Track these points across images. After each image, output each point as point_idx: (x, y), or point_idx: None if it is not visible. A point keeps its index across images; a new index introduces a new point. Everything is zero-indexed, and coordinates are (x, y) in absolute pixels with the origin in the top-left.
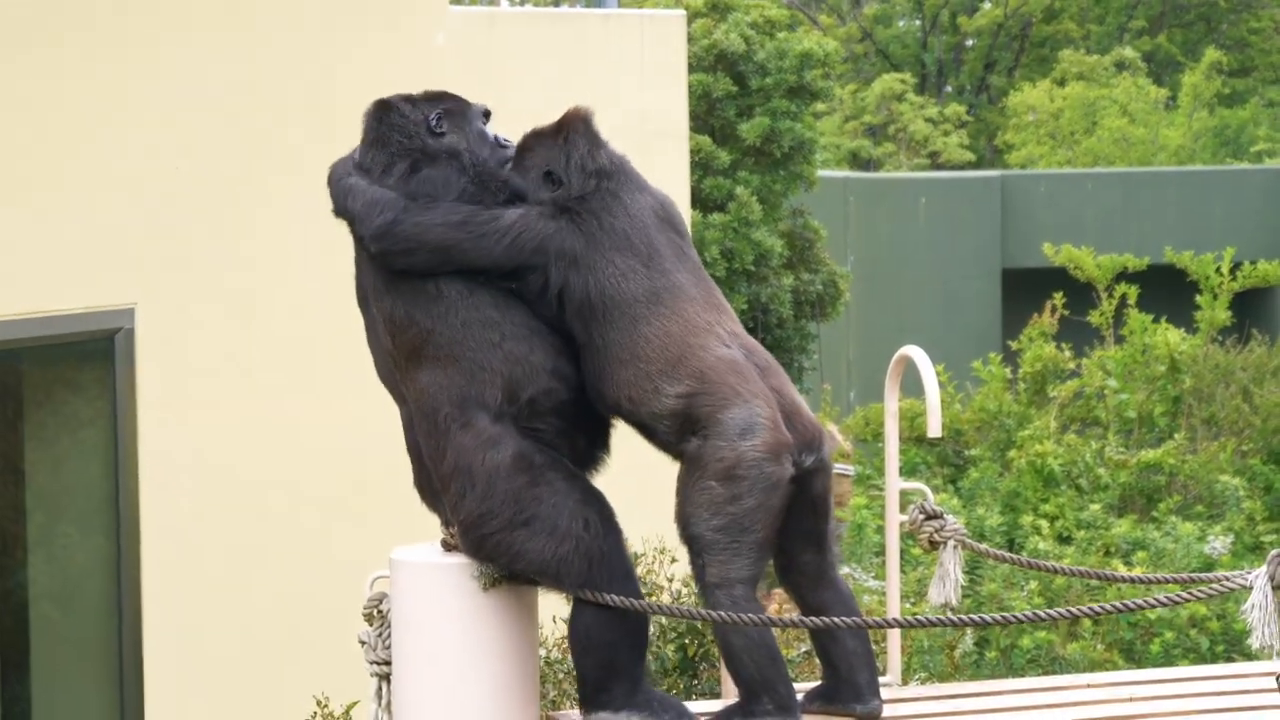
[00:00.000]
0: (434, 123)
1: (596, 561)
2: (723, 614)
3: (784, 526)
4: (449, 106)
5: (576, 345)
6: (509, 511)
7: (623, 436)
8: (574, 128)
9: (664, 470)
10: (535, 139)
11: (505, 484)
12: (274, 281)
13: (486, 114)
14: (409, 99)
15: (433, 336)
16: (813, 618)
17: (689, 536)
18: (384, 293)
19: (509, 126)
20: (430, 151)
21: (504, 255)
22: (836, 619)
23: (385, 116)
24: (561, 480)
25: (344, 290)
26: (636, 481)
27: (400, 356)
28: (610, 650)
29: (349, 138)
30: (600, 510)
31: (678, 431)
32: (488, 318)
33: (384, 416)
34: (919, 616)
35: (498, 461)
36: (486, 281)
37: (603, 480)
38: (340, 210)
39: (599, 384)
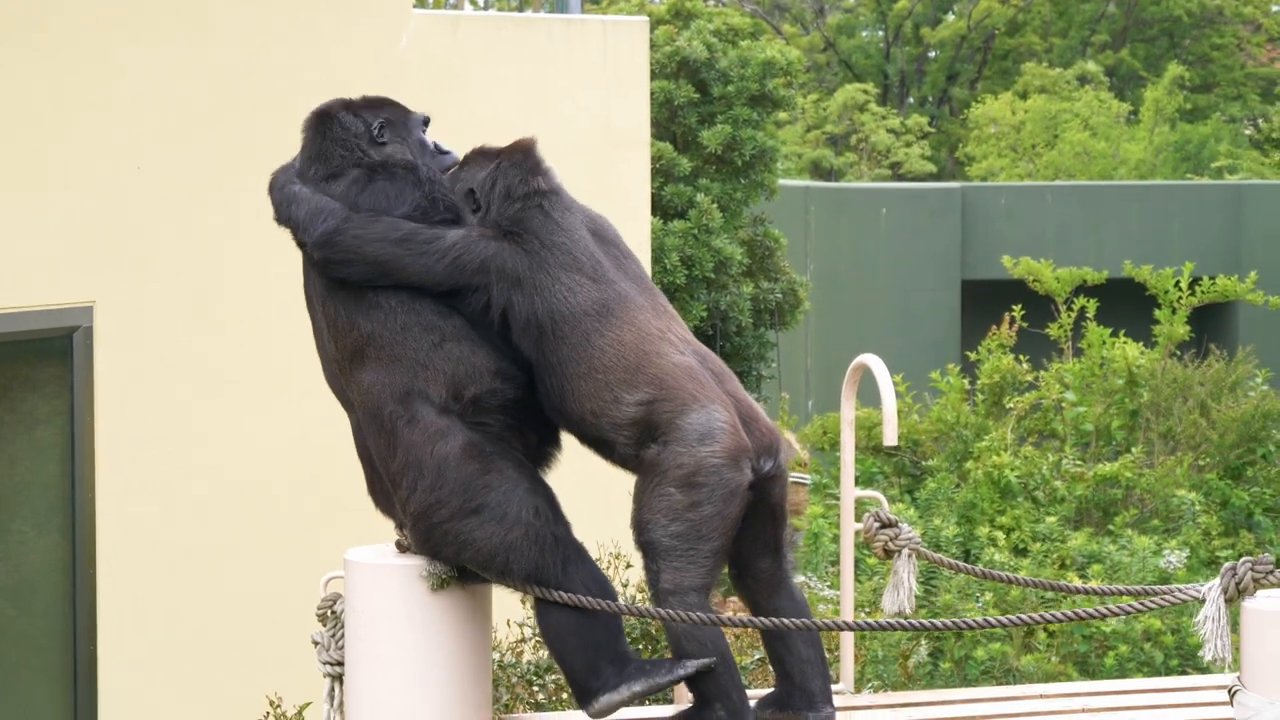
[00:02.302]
0: (376, 132)
1: (548, 548)
2: (680, 614)
3: (741, 532)
4: (389, 115)
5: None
6: (459, 500)
7: (577, 445)
8: (512, 156)
9: (619, 477)
10: (478, 155)
11: (455, 472)
12: (233, 281)
13: (426, 121)
14: (349, 105)
15: (373, 339)
16: (765, 618)
17: (645, 543)
18: (327, 297)
19: (470, 129)
20: (379, 162)
21: (445, 274)
22: (788, 620)
23: (326, 130)
24: (511, 469)
25: (302, 291)
26: (591, 488)
27: (343, 359)
28: (589, 634)
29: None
30: (548, 498)
31: (637, 441)
32: (429, 322)
33: (342, 418)
34: (872, 620)
35: (446, 451)
36: (422, 294)
37: (556, 488)
38: (283, 218)
39: (560, 403)
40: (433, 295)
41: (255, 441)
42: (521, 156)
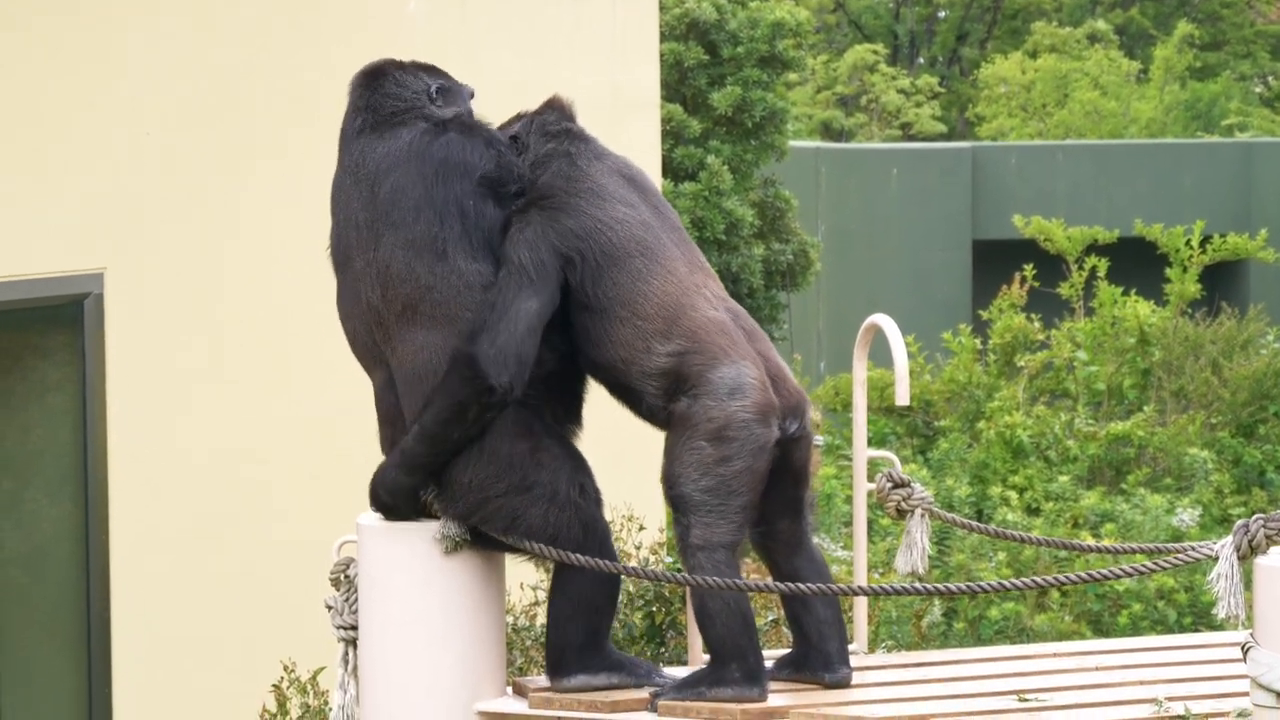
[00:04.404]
0: (434, 94)
1: (590, 530)
2: (700, 578)
3: (763, 493)
4: (444, 83)
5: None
6: (515, 476)
7: (592, 406)
8: (550, 104)
9: (634, 440)
10: (517, 117)
11: (508, 449)
12: (246, 248)
13: (471, 94)
14: (401, 65)
15: (430, 294)
16: (784, 583)
17: (675, 496)
18: (378, 243)
19: (481, 94)
20: (448, 118)
21: (550, 282)
22: (806, 585)
23: (379, 85)
24: (558, 447)
25: (317, 258)
26: (606, 449)
27: (390, 313)
28: (596, 615)
29: (318, 105)
30: (590, 478)
31: (666, 392)
32: (490, 284)
33: (355, 383)
34: (887, 585)
35: (499, 426)
36: (489, 255)
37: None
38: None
39: (595, 349)
40: (493, 257)
41: (267, 407)
42: (557, 106)
